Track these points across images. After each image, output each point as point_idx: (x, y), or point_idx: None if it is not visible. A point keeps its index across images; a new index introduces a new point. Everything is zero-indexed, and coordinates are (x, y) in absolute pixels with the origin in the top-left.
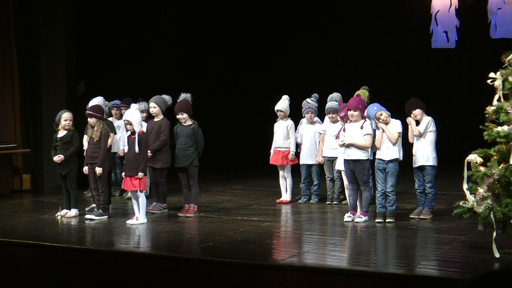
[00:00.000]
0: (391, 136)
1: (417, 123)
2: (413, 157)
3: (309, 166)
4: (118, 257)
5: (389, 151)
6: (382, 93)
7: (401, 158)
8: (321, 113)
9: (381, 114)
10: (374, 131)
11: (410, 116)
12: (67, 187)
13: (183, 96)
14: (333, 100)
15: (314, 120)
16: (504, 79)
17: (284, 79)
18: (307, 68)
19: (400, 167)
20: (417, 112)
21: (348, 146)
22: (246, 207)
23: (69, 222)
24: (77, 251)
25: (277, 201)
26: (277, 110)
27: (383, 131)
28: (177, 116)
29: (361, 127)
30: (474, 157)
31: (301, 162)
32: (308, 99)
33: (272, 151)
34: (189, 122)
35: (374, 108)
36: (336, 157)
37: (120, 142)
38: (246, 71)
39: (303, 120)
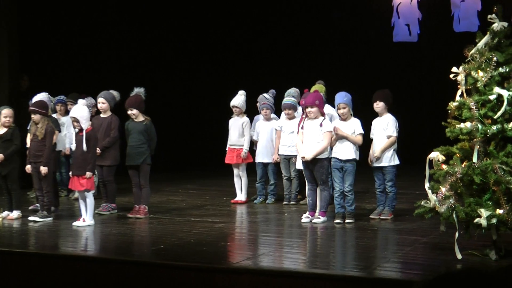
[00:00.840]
0: (355, 140)
1: (377, 115)
2: (372, 155)
3: (265, 165)
4: (64, 261)
5: (346, 150)
6: (340, 89)
7: (357, 158)
8: (278, 110)
9: (344, 108)
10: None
11: (374, 106)
12: (8, 188)
13: (136, 91)
14: (290, 95)
15: (271, 117)
16: (466, 74)
17: (241, 74)
18: (264, 63)
19: (359, 165)
20: (380, 105)
21: (307, 145)
22: (199, 208)
23: (11, 225)
24: (20, 255)
25: (232, 201)
26: (233, 106)
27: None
28: (128, 112)
29: (320, 125)
30: (436, 155)
31: (256, 161)
32: (264, 94)
33: (227, 149)
34: (141, 118)
35: (344, 99)
36: (293, 155)
37: (66, 140)
38: (201, 66)
39: (259, 117)
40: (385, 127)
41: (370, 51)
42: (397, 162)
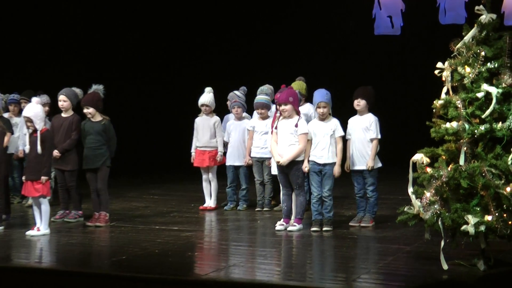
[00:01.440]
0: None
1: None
2: (350, 158)
3: (236, 168)
4: (17, 274)
5: (325, 153)
6: (318, 86)
7: (335, 161)
8: (250, 109)
9: (324, 107)
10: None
11: (354, 103)
12: None
13: (94, 88)
14: (263, 93)
15: (243, 116)
16: (453, 70)
17: (208, 70)
18: (234, 57)
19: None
20: (362, 103)
21: (281, 147)
22: (165, 215)
23: None
24: None
25: (200, 207)
26: (202, 105)
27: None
28: (84, 111)
29: (296, 125)
30: (420, 157)
31: (227, 164)
32: (235, 92)
33: (193, 151)
34: (98, 118)
35: (325, 97)
36: (267, 158)
37: (19, 142)
38: (164, 61)
39: (230, 116)
40: (366, 128)
41: (349, 45)
42: (379, 164)
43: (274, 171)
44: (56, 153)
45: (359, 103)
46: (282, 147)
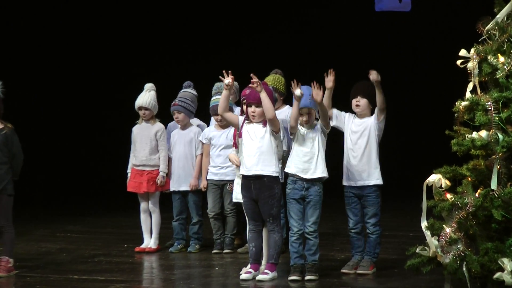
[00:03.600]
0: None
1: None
2: (345, 173)
3: (184, 195)
4: None
5: (312, 165)
6: (300, 79)
7: (327, 176)
8: (202, 113)
9: (308, 114)
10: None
11: (352, 102)
12: None
13: None
14: (221, 92)
15: (190, 123)
16: (481, 60)
17: (144, 62)
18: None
19: (326, 194)
20: (362, 102)
21: (248, 159)
22: (87, 260)
23: None
24: None
25: (137, 249)
26: (140, 108)
27: None
28: None
29: (264, 125)
30: (437, 179)
31: (171, 189)
32: (186, 90)
33: (129, 171)
34: None
35: (308, 101)
36: (228, 180)
37: None
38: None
39: (173, 124)
40: (368, 133)
41: (344, 26)
42: (379, 181)
43: (238, 198)
44: None
45: (359, 103)
46: (250, 158)
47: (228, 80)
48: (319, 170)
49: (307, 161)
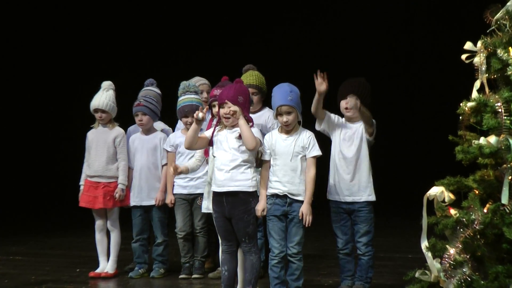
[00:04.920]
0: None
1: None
2: (330, 187)
3: (147, 211)
4: None
5: (292, 184)
6: (278, 79)
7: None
8: (165, 113)
9: (289, 113)
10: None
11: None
12: None
13: None
14: (190, 91)
15: (154, 128)
16: (489, 54)
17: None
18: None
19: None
20: (352, 103)
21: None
22: (33, 287)
23: None
24: None
25: (91, 274)
26: (96, 110)
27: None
28: None
29: (239, 137)
30: (439, 192)
31: (132, 203)
32: (150, 87)
33: (82, 183)
34: None
35: (288, 98)
36: (199, 194)
37: None
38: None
39: (133, 128)
40: (360, 139)
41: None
42: (373, 197)
43: (209, 208)
44: None
45: (349, 104)
46: (222, 173)
47: (201, 114)
48: (300, 189)
49: (286, 178)
